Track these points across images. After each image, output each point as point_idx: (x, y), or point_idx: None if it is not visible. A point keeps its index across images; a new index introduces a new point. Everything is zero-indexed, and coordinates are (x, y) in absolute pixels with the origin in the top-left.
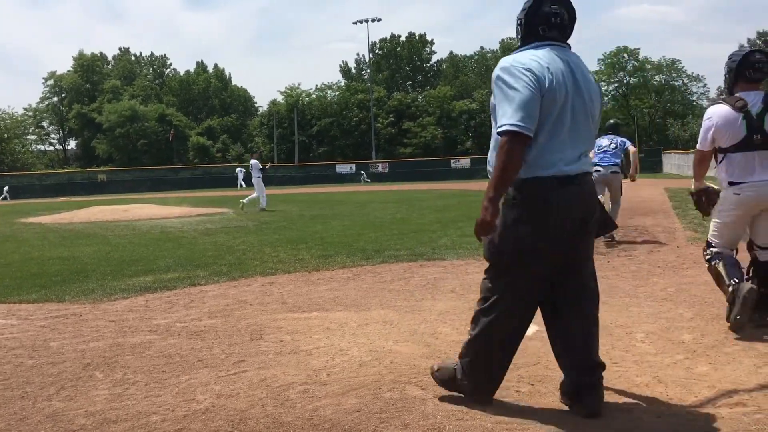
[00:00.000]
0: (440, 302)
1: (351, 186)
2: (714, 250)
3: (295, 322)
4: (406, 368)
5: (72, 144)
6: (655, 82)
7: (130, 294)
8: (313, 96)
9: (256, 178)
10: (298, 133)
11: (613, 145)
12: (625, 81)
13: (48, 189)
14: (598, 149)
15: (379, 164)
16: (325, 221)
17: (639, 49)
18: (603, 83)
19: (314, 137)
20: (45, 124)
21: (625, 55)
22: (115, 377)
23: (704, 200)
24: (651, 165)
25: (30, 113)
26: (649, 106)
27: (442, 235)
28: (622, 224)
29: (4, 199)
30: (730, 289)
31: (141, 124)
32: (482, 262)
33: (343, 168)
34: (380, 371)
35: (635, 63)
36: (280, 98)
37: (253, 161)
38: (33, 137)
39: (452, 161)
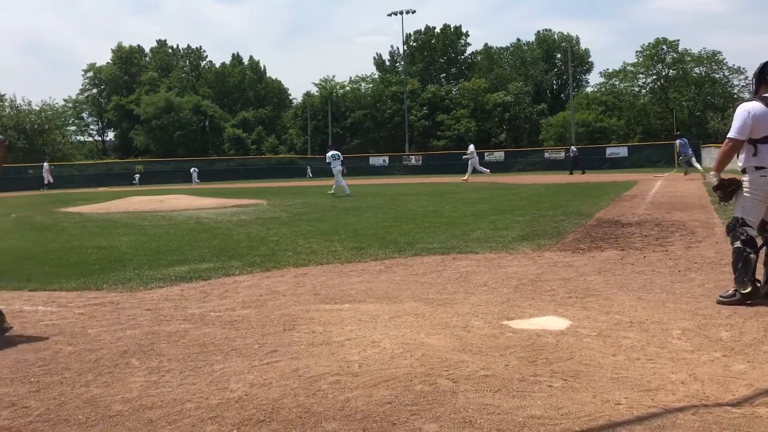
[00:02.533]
0: (472, 296)
1: (384, 178)
2: (750, 233)
3: (327, 314)
4: (437, 361)
5: (110, 135)
6: (694, 75)
7: (165, 283)
8: (347, 88)
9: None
10: (331, 125)
11: None
12: (663, 73)
13: (87, 179)
14: None
15: (412, 157)
16: (357, 213)
17: (678, 40)
18: (641, 75)
19: (348, 129)
20: (84, 115)
21: (664, 47)
22: (150, 365)
23: (734, 189)
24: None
25: (70, 105)
26: (688, 99)
27: (475, 228)
28: (659, 219)
29: (135, 183)
30: (750, 288)
31: (176, 115)
32: (515, 255)
33: (377, 160)
34: (412, 364)
35: (674, 55)
36: (314, 90)
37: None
38: (73, 128)
39: (486, 154)
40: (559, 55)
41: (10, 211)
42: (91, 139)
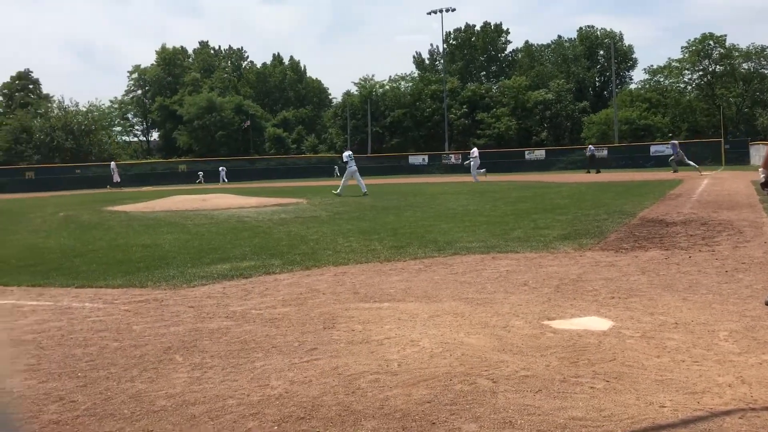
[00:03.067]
0: (512, 295)
1: (424, 177)
2: None
3: (366, 312)
4: (477, 361)
5: (155, 135)
6: (742, 70)
7: (208, 281)
8: (387, 87)
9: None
10: (371, 124)
11: None
12: (710, 69)
13: (132, 179)
14: None
15: (452, 155)
16: (397, 212)
17: (725, 35)
18: (686, 71)
19: (387, 128)
20: (130, 116)
21: (711, 42)
22: (193, 361)
23: None
24: (737, 157)
25: (116, 105)
26: (735, 95)
27: (515, 227)
28: (706, 218)
29: (199, 182)
30: None
31: (218, 115)
32: (556, 255)
33: (416, 159)
34: (451, 363)
35: (722, 50)
36: (354, 90)
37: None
38: (118, 129)
39: (527, 152)
40: (602, 52)
41: (58, 210)
42: (136, 139)
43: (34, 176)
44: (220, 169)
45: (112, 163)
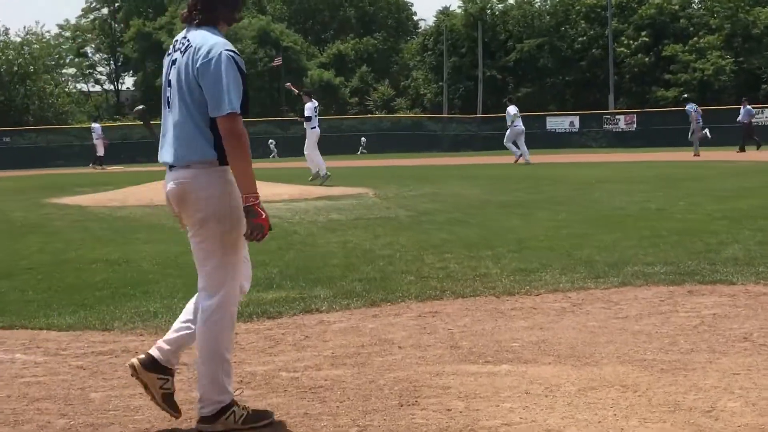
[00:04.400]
0: (724, 357)
1: (571, 153)
2: None
3: (471, 380)
4: None
5: (128, 83)
6: None
7: None
8: (511, 2)
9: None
10: (483, 63)
11: None
12: None
13: (91, 152)
14: None
15: (621, 117)
16: (525, 212)
17: None
18: None
19: (511, 71)
20: (89, 50)
21: None
22: None
23: None
24: None
25: (67, 33)
26: None
27: (729, 240)
28: None
29: (274, 156)
30: None
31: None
32: None
33: (560, 122)
34: None
35: None
36: (455, 6)
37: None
38: (71, 71)
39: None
40: None
41: None
42: (98, 88)
43: None
44: (270, 142)
45: (95, 124)
